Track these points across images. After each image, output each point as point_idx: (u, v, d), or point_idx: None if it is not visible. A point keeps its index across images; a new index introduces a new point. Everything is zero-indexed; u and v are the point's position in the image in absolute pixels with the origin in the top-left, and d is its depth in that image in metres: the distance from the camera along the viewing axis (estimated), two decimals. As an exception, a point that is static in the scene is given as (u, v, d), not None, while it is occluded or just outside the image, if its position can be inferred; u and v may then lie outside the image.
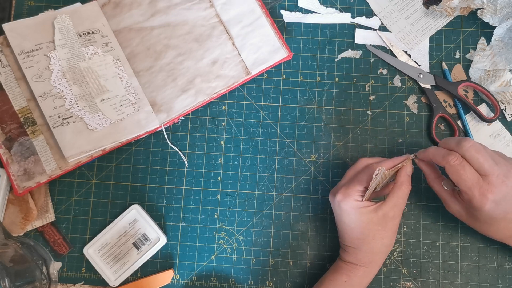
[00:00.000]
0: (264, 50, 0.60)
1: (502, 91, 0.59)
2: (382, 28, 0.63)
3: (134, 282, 0.57)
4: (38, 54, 0.57)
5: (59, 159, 0.56)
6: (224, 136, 0.61)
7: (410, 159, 0.51)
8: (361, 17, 0.62)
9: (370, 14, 0.63)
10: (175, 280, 0.58)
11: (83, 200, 0.60)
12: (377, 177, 0.47)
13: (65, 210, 0.59)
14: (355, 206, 0.49)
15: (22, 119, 0.57)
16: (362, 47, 0.62)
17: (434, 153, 0.49)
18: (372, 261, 0.50)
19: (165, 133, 0.60)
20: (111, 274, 0.57)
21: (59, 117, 0.56)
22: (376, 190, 0.51)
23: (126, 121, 0.57)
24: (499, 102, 0.60)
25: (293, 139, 0.60)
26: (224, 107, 0.61)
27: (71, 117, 0.56)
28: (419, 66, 0.61)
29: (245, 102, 0.61)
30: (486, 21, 0.59)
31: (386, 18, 0.63)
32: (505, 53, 0.59)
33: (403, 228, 0.58)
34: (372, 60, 0.62)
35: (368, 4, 0.63)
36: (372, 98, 0.61)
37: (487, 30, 0.62)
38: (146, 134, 0.59)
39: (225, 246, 0.59)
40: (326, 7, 0.63)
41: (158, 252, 0.58)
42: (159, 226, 0.58)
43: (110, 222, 0.58)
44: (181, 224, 0.59)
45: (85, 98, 0.57)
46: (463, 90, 0.61)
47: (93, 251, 0.57)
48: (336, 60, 0.62)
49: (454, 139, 0.48)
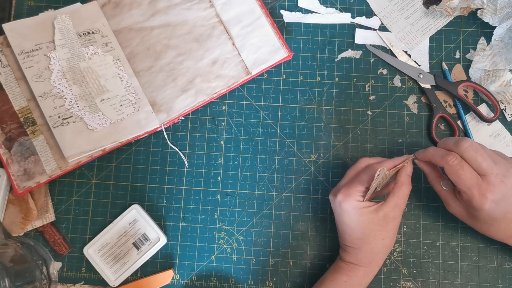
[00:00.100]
0: (264, 50, 0.60)
1: (502, 91, 0.59)
2: (382, 28, 0.63)
3: (134, 282, 0.57)
4: (38, 54, 0.57)
5: (59, 159, 0.56)
6: (224, 136, 0.61)
7: (410, 160, 0.51)
8: (361, 17, 0.62)
9: (370, 14, 0.63)
10: (175, 280, 0.58)
11: (83, 200, 0.59)
12: (378, 177, 0.47)
13: (65, 210, 0.59)
14: (356, 207, 0.49)
15: (22, 119, 0.57)
16: (362, 47, 0.62)
17: (433, 153, 0.49)
18: (372, 261, 0.50)
19: (165, 133, 0.60)
20: (111, 274, 0.57)
21: (59, 117, 0.56)
22: (376, 190, 0.51)
23: (126, 121, 0.57)
24: (499, 102, 0.60)
25: (293, 139, 0.60)
26: (224, 107, 0.61)
27: (71, 117, 0.56)
28: (419, 66, 0.61)
29: (245, 102, 0.61)
30: (486, 21, 0.59)
31: (386, 18, 0.63)
32: (505, 53, 0.59)
33: (403, 228, 0.58)
34: (372, 60, 0.62)
35: (368, 4, 0.63)
36: (372, 98, 0.61)
37: (487, 30, 0.62)
38: (146, 134, 0.59)
39: (225, 246, 0.59)
40: (326, 7, 0.63)
41: (158, 252, 0.58)
42: (159, 226, 0.58)
43: (110, 222, 0.57)
44: (181, 224, 0.59)
45: (85, 98, 0.57)
46: (463, 90, 0.61)
47: (93, 251, 0.57)
48: (336, 60, 0.62)
49: (452, 139, 0.48)
